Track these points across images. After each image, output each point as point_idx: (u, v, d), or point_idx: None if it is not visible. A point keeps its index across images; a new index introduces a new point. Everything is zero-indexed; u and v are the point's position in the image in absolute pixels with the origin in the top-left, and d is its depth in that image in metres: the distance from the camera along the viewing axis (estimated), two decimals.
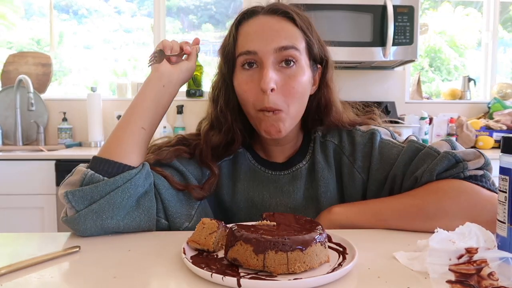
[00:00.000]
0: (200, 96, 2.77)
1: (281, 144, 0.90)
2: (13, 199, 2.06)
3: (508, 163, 0.54)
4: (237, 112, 0.86)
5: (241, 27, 0.82)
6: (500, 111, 2.72)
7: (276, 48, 0.78)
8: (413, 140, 0.84)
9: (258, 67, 0.79)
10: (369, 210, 0.78)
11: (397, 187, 0.82)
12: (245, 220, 0.86)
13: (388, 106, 2.65)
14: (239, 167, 0.90)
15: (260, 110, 0.79)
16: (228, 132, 0.86)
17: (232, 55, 0.82)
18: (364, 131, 0.88)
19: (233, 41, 0.82)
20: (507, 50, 3.32)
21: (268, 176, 0.89)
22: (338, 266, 0.55)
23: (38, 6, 3.14)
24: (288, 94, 0.78)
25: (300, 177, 0.88)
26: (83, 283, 0.53)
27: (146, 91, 0.80)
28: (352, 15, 2.32)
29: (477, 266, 0.50)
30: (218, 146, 0.87)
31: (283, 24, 0.80)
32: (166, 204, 0.78)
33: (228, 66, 0.83)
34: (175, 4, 3.17)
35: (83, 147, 2.61)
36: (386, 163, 0.83)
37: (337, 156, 0.88)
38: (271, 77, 0.76)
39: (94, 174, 0.71)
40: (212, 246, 0.60)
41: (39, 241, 0.75)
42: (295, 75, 0.79)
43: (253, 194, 0.88)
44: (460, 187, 0.73)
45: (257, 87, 0.77)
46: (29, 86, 2.48)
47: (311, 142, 0.91)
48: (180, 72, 0.83)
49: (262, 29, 0.79)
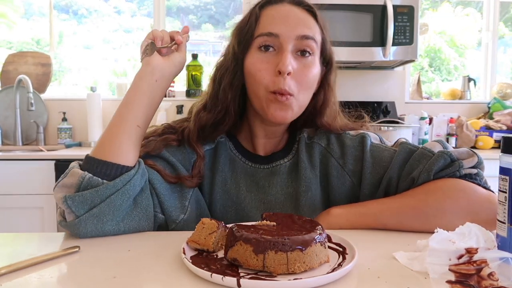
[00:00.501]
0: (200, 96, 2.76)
1: (268, 136, 0.90)
2: (13, 199, 2.06)
3: (508, 163, 0.54)
4: (238, 92, 0.85)
5: (265, 10, 0.83)
6: (500, 111, 2.72)
7: (299, 36, 0.80)
8: (405, 142, 0.84)
9: (275, 51, 0.80)
10: (368, 211, 0.78)
11: (392, 189, 0.82)
12: (220, 213, 0.86)
13: (388, 106, 2.65)
14: (219, 158, 0.88)
15: (272, 92, 0.79)
16: (221, 111, 0.85)
17: (250, 34, 0.82)
18: (354, 135, 0.88)
19: (254, 22, 0.82)
20: (507, 50, 3.32)
21: (247, 167, 0.89)
22: (338, 266, 0.55)
23: (38, 6, 3.14)
24: (301, 81, 0.80)
25: (278, 174, 0.87)
26: (82, 283, 0.53)
27: (139, 86, 0.78)
28: (352, 15, 2.32)
29: (477, 266, 0.50)
30: (205, 125, 0.86)
31: (306, 15, 0.83)
32: (161, 199, 0.78)
33: (242, 46, 0.83)
34: (175, 4, 3.17)
35: (83, 147, 2.61)
36: (379, 166, 0.83)
37: (323, 159, 0.88)
38: (290, 60, 0.78)
39: (92, 177, 0.70)
40: (212, 246, 0.60)
41: (39, 241, 0.75)
42: (309, 65, 0.82)
43: (230, 185, 0.87)
44: (458, 186, 0.74)
45: (273, 68, 0.79)
46: (28, 86, 2.48)
47: (296, 142, 0.91)
48: (173, 66, 0.81)
49: (287, 15, 0.81)
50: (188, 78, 2.75)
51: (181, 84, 2.94)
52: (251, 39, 0.82)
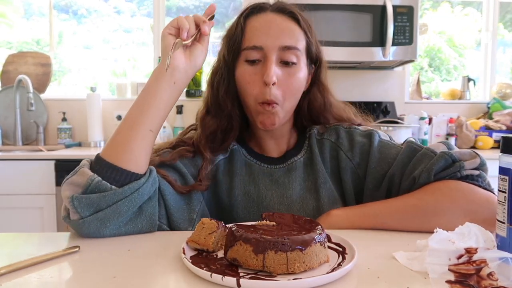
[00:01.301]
0: (200, 96, 2.77)
1: (275, 137, 0.93)
2: (13, 199, 2.06)
3: (508, 163, 0.54)
4: (236, 99, 0.88)
5: (249, 20, 0.85)
6: (500, 111, 2.72)
7: (281, 47, 0.82)
8: (412, 141, 0.86)
9: (262, 62, 0.83)
10: (368, 211, 0.78)
11: (395, 187, 0.83)
12: (243, 214, 0.87)
13: (388, 106, 2.65)
14: (235, 163, 0.91)
15: (260, 104, 0.83)
16: (225, 116, 0.88)
17: (237, 46, 0.84)
18: (363, 131, 0.91)
19: (240, 33, 0.84)
20: (507, 50, 3.32)
21: (264, 169, 0.91)
22: (337, 266, 0.55)
23: (38, 6, 3.14)
24: (286, 89, 0.83)
25: (295, 169, 0.89)
26: (82, 283, 0.53)
27: (156, 89, 0.74)
28: (351, 15, 2.32)
29: (477, 266, 0.50)
30: (215, 132, 0.88)
31: (288, 23, 0.85)
32: (170, 211, 0.78)
33: (231, 56, 0.85)
34: (174, 4, 3.17)
35: (83, 147, 2.61)
36: (384, 162, 0.85)
37: (334, 153, 0.90)
38: (274, 71, 0.81)
39: (101, 181, 0.69)
40: (212, 246, 0.60)
41: (39, 241, 0.75)
42: (294, 73, 0.84)
43: (249, 187, 0.89)
44: (457, 187, 0.75)
45: (260, 80, 0.82)
46: (28, 86, 2.48)
47: (306, 139, 0.93)
48: (193, 67, 0.76)
49: (269, 26, 0.83)
50: None
51: None
52: (239, 51, 0.84)
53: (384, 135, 0.91)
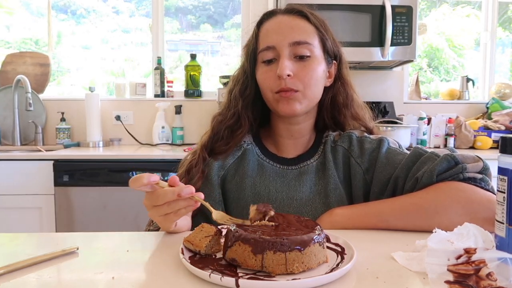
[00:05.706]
0: (199, 96, 2.76)
1: (295, 136, 0.96)
2: (11, 199, 2.06)
3: (507, 163, 0.54)
4: (250, 101, 0.94)
5: (262, 26, 0.93)
6: (499, 111, 2.72)
7: (291, 42, 0.87)
8: (418, 147, 0.88)
9: (277, 60, 0.88)
10: (370, 211, 0.79)
11: (399, 189, 0.84)
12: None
13: (387, 106, 2.65)
14: (247, 163, 0.93)
15: (277, 92, 0.88)
16: (233, 115, 0.93)
17: (254, 51, 0.92)
18: (373, 139, 0.93)
19: (255, 39, 0.92)
20: (506, 50, 3.33)
21: (276, 170, 0.93)
22: (336, 267, 0.55)
23: (36, 6, 3.13)
24: (303, 79, 0.87)
25: (308, 173, 0.92)
26: (81, 283, 0.53)
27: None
28: (350, 15, 2.32)
29: (476, 266, 0.50)
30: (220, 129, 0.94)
31: (297, 21, 0.90)
32: None
33: (250, 61, 0.93)
34: (173, 4, 3.16)
35: (82, 147, 2.60)
36: (391, 167, 0.86)
37: (345, 159, 0.92)
38: (286, 65, 0.86)
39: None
40: (204, 248, 0.59)
41: (38, 241, 0.75)
42: (309, 65, 0.88)
43: (260, 188, 0.91)
44: (458, 187, 0.76)
45: (276, 75, 0.87)
46: (27, 86, 2.47)
47: (322, 144, 0.96)
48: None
49: (279, 26, 0.90)
50: (187, 78, 2.75)
51: (179, 84, 2.94)
52: (256, 55, 0.92)
53: (393, 142, 0.93)
